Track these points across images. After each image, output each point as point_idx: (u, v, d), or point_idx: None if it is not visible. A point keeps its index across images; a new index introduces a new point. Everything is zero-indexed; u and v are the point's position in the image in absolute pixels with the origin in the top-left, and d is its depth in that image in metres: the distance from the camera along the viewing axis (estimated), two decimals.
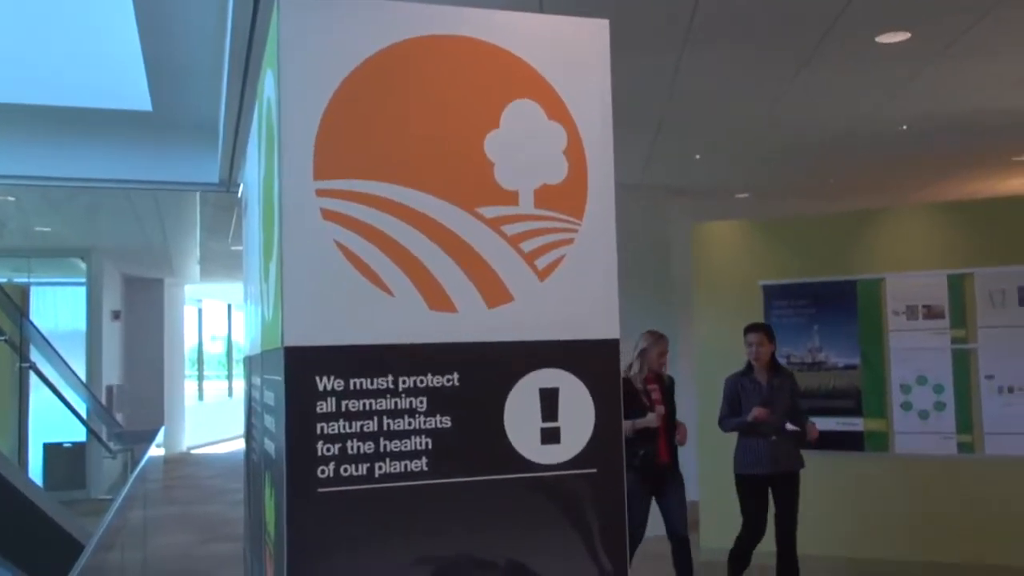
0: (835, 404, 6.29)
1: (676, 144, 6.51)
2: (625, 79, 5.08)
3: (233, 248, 11.55)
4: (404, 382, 2.03)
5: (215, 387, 21.27)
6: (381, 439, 2.00)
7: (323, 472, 1.95)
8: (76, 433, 10.14)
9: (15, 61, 6.26)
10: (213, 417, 18.66)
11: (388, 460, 2.01)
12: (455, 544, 2.03)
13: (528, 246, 2.12)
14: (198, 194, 8.43)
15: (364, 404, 2.00)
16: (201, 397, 20.24)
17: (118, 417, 11.15)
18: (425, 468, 2.03)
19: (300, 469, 1.95)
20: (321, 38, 2.02)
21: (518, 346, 2.11)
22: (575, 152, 2.20)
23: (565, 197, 2.17)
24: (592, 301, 2.19)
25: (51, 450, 10.72)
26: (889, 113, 5.82)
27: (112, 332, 13.58)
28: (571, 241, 2.17)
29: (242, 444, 3.97)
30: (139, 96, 6.44)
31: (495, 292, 2.09)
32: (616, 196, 7.71)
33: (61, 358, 8.31)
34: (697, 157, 6.83)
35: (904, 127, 6.06)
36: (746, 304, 6.57)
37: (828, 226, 6.60)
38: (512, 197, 2.12)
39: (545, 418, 2.13)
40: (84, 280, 12.32)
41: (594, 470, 2.16)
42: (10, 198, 8.68)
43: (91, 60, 6.31)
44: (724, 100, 5.64)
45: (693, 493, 7.50)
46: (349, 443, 1.98)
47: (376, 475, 1.99)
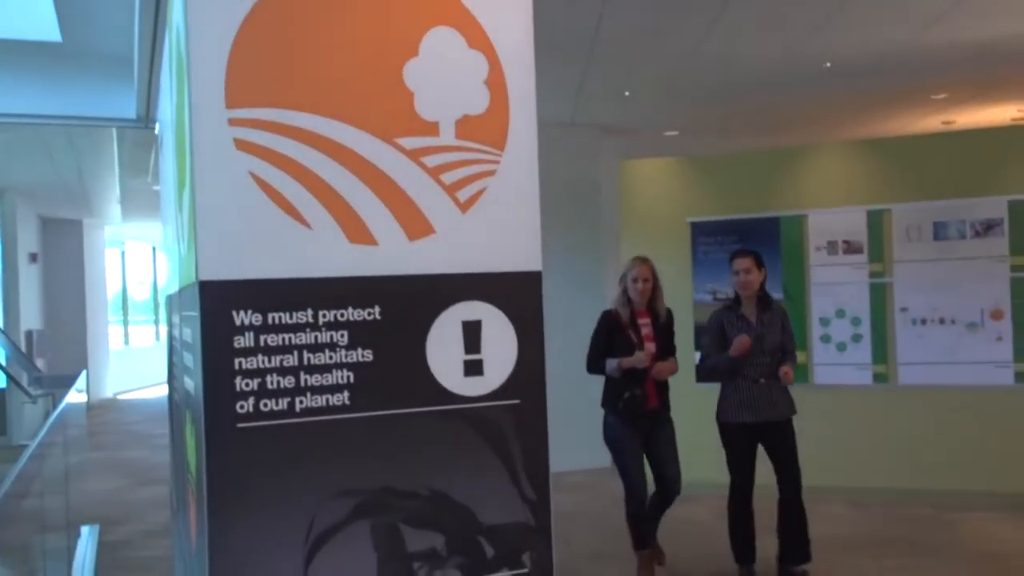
0: None
1: (605, 81, 6.48)
2: (552, 14, 5.03)
3: (154, 187, 11.20)
4: (324, 316, 2.00)
5: (141, 332, 20.79)
6: (301, 373, 1.98)
7: (242, 407, 1.93)
8: None
9: None
10: (139, 362, 18.29)
11: (309, 394, 1.99)
12: (377, 477, 2.04)
13: (449, 178, 2.10)
14: (115, 130, 8.11)
15: (283, 339, 1.97)
16: (127, 342, 19.79)
17: (39, 363, 10.84)
18: (347, 402, 2.02)
19: (218, 405, 1.92)
20: None
21: (440, 279, 2.10)
22: (496, 82, 2.17)
23: (487, 128, 2.14)
24: (514, 233, 2.18)
25: None
26: (813, 50, 5.88)
27: (30, 275, 13.13)
28: (493, 173, 2.15)
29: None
30: (47, 26, 6.12)
31: (416, 224, 2.07)
32: (546, 134, 7.62)
33: None
34: (627, 94, 6.82)
35: (828, 64, 6.14)
36: (673, 241, 6.66)
37: (754, 164, 6.70)
38: (432, 128, 2.08)
39: (468, 350, 2.13)
40: None
41: (517, 401, 2.18)
42: None
43: None
44: (651, 37, 5.62)
45: None
46: (268, 378, 1.95)
47: (297, 410, 1.97)
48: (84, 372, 8.50)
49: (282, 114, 1.96)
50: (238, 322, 1.93)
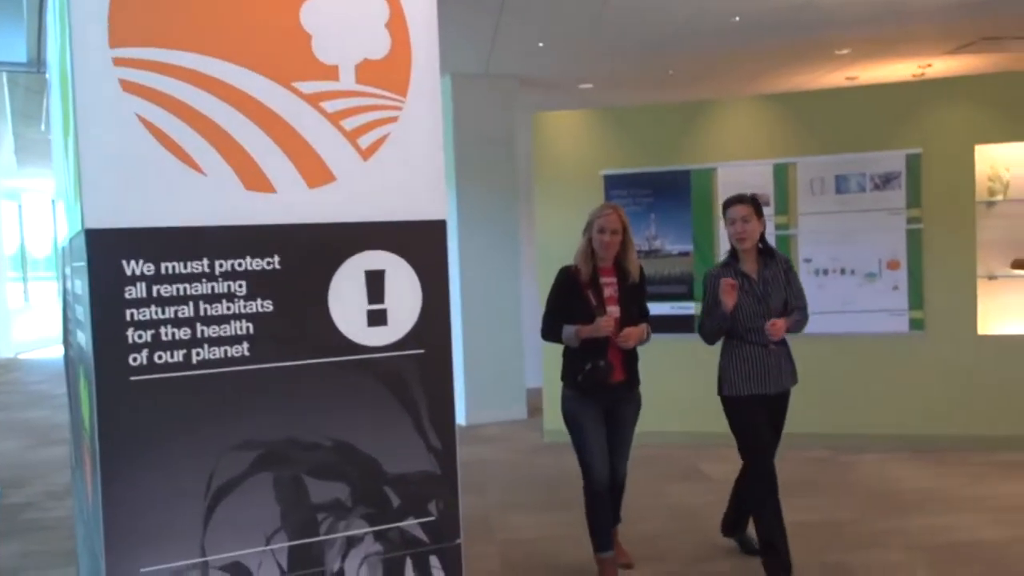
0: (670, 290, 6.58)
1: (518, 32, 6.42)
2: None
3: (49, 136, 10.68)
4: (221, 265, 1.95)
5: (43, 289, 19.99)
6: (198, 325, 1.93)
7: (135, 360, 1.87)
8: None
9: None
10: (41, 320, 17.60)
11: (206, 346, 1.94)
12: (280, 428, 2.01)
13: (350, 124, 2.05)
14: (4, 74, 7.68)
15: (178, 289, 1.91)
16: (27, 300, 19.00)
17: None
18: (246, 353, 1.98)
19: (110, 358, 1.86)
20: None
21: (342, 227, 2.06)
22: (398, 26, 2.11)
23: (388, 73, 2.09)
24: (418, 181, 2.15)
25: None
26: (721, 6, 5.93)
27: None
28: (395, 119, 2.11)
29: None
30: None
31: (316, 171, 2.02)
32: (460, 85, 7.45)
33: None
34: (540, 45, 6.77)
35: (736, 19, 6.20)
36: (587, 194, 6.68)
37: (665, 116, 6.75)
38: (332, 72, 2.02)
39: (371, 300, 2.11)
40: None
41: (422, 351, 2.17)
42: None
43: None
44: None
45: (535, 379, 7.79)
46: (163, 329, 1.90)
47: (194, 362, 1.93)
48: None
49: (171, 54, 1.88)
50: (129, 272, 1.87)
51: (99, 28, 1.82)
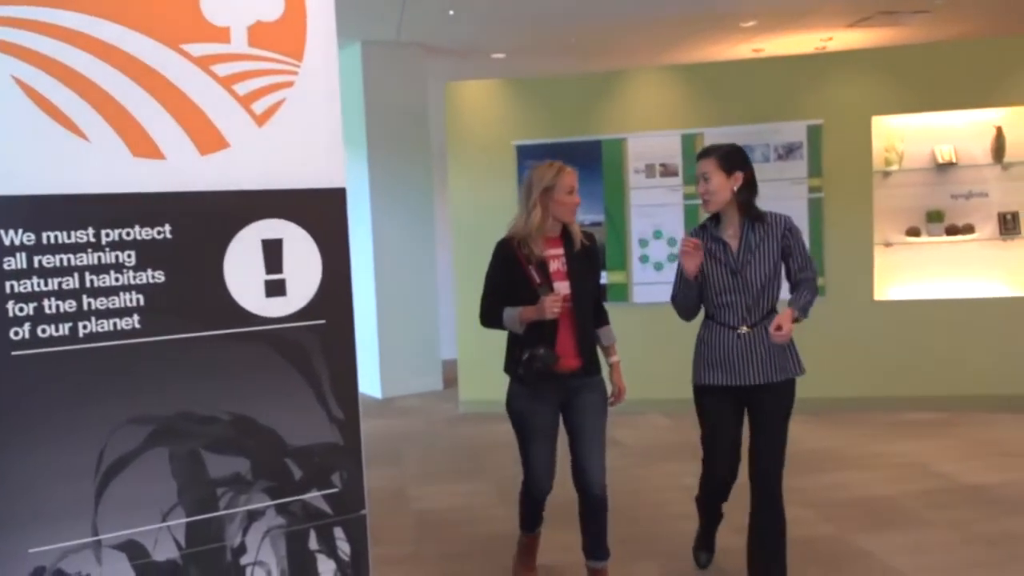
0: None
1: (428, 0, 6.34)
2: None
3: None
4: (108, 235, 1.88)
5: None
6: (84, 297, 1.86)
7: (16, 334, 1.79)
8: None
9: None
10: None
11: (94, 319, 1.87)
12: (174, 402, 1.96)
13: (243, 88, 1.99)
14: None
15: (61, 259, 1.84)
16: None
17: None
18: (137, 326, 1.92)
19: None
20: None
21: (236, 195, 2.01)
22: None
23: (282, 36, 2.03)
24: (315, 148, 2.10)
25: None
26: None
27: None
28: (291, 84, 2.05)
29: None
30: None
31: (208, 138, 1.96)
32: (370, 53, 7.32)
33: None
34: (451, 13, 6.70)
35: None
36: (499, 164, 6.68)
37: (577, 87, 6.77)
38: (222, 34, 1.96)
39: (269, 270, 2.07)
40: None
41: (323, 321, 2.14)
42: None
43: None
44: None
45: (451, 351, 7.79)
46: (46, 302, 1.82)
47: (80, 335, 1.86)
48: None
49: (50, 13, 1.79)
50: (7, 242, 1.78)
51: None
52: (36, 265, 1.81)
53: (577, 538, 3.45)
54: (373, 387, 7.88)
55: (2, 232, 1.77)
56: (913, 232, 6.35)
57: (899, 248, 6.39)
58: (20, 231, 1.79)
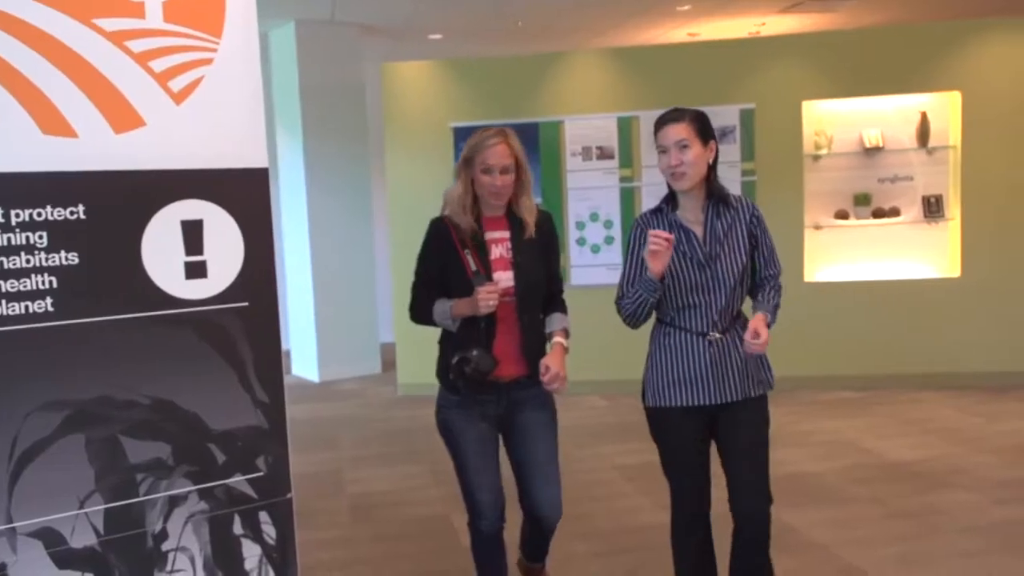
0: None
1: None
2: None
3: None
4: (18, 216, 1.82)
5: None
6: None
7: None
8: None
9: None
10: None
11: (4, 302, 1.82)
12: (92, 387, 1.92)
13: (159, 65, 1.94)
14: None
15: None
16: None
17: None
18: (50, 309, 1.86)
19: None
20: None
21: (153, 175, 1.96)
22: None
23: (199, 12, 1.99)
24: (236, 127, 2.06)
25: None
26: None
27: None
28: (210, 61, 2.01)
29: None
30: None
31: (122, 116, 1.91)
32: (305, 32, 7.19)
33: None
34: None
35: None
36: (436, 146, 6.65)
37: (514, 69, 6.76)
38: (137, 9, 1.91)
39: (189, 252, 2.03)
40: None
41: (245, 303, 2.10)
42: None
43: None
44: None
45: (389, 334, 7.75)
46: None
47: None
48: None
49: None
50: None
51: None
52: None
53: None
54: (311, 371, 7.81)
55: None
56: (842, 215, 6.50)
57: (828, 231, 6.54)
58: None
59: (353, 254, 7.78)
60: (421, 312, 2.90)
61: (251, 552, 2.16)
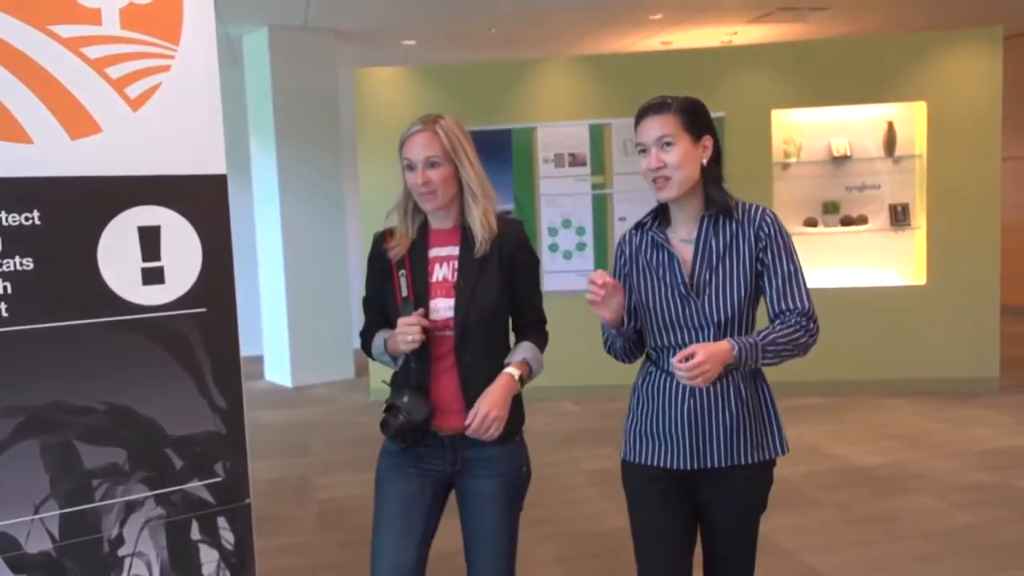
0: None
1: None
2: None
3: None
4: None
5: None
6: None
7: None
8: None
9: None
10: None
11: None
12: (47, 393, 1.92)
13: (116, 72, 1.95)
14: None
15: None
16: None
17: None
18: (4, 314, 1.86)
19: None
20: None
21: (110, 181, 1.97)
22: None
23: (157, 19, 1.99)
24: (194, 134, 2.07)
25: None
26: None
27: None
28: (167, 68, 2.02)
29: None
30: None
31: (79, 122, 1.91)
32: (277, 38, 7.17)
33: None
34: None
35: None
36: None
37: (487, 75, 6.79)
38: (93, 15, 1.91)
39: (146, 258, 2.03)
40: None
41: (203, 309, 2.11)
42: None
43: None
44: None
45: None
46: None
47: None
48: None
49: None
50: None
51: None
52: None
53: None
54: (283, 376, 7.79)
55: None
56: (810, 223, 6.58)
57: (797, 238, 6.44)
58: None
59: (326, 259, 7.77)
60: (364, 344, 2.44)
61: (209, 557, 2.16)
